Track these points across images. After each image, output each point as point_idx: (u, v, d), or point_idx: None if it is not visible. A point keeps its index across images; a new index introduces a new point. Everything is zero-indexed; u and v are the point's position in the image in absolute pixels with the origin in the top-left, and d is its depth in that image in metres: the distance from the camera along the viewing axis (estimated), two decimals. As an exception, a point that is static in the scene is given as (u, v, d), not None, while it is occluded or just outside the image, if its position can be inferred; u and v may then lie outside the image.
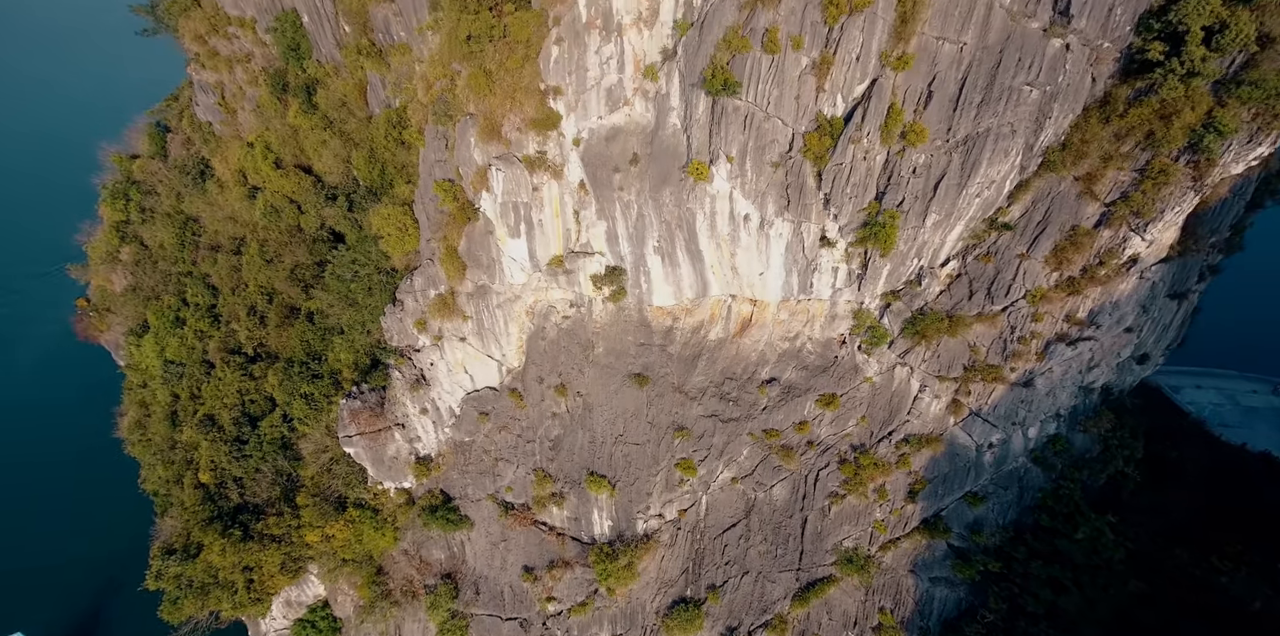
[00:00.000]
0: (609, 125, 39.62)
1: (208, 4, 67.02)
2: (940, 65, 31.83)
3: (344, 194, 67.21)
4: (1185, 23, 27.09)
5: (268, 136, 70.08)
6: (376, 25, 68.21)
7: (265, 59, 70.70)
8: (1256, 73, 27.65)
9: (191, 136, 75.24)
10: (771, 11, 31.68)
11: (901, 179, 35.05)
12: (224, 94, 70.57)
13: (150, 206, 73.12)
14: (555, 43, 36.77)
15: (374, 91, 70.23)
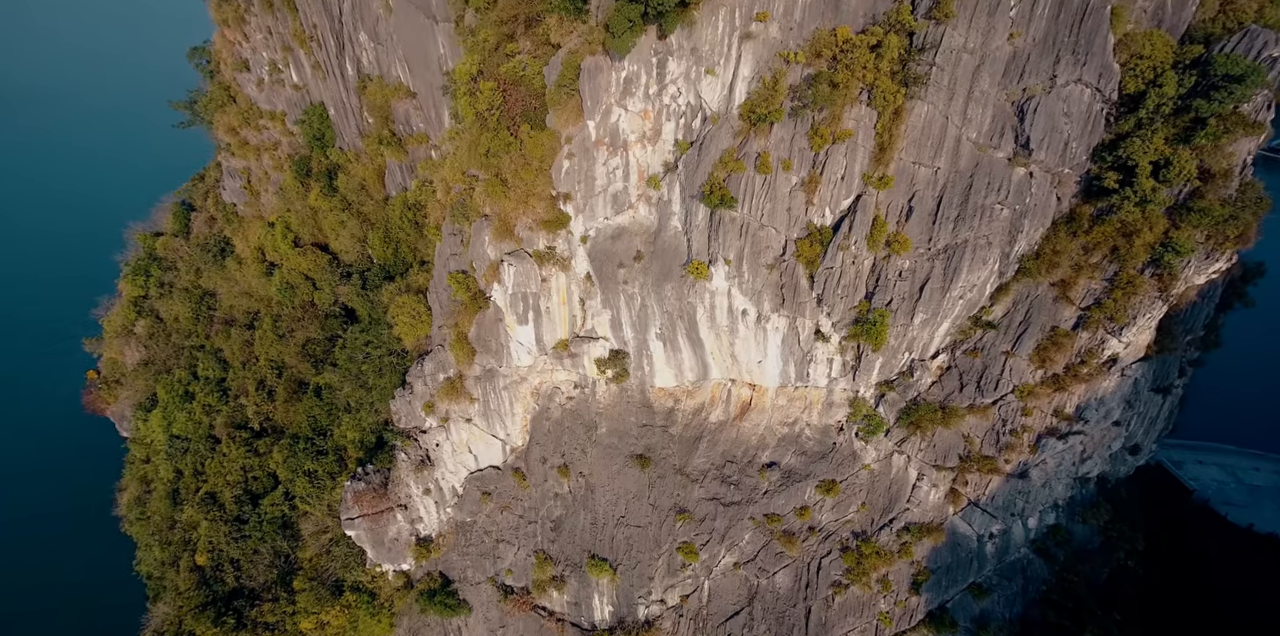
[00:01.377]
0: (614, 225, 42.47)
1: (242, 100, 72.47)
2: (918, 185, 34.85)
3: (358, 272, 70.08)
4: (1134, 158, 30.16)
5: (288, 217, 73.87)
6: (397, 117, 73.54)
7: (291, 147, 75.61)
8: (1203, 202, 30.47)
9: (215, 215, 79.21)
10: (763, 139, 35.04)
11: (889, 281, 37.38)
12: (250, 178, 74.97)
13: (169, 281, 75.88)
14: (566, 157, 40.14)
15: (391, 176, 74.74)
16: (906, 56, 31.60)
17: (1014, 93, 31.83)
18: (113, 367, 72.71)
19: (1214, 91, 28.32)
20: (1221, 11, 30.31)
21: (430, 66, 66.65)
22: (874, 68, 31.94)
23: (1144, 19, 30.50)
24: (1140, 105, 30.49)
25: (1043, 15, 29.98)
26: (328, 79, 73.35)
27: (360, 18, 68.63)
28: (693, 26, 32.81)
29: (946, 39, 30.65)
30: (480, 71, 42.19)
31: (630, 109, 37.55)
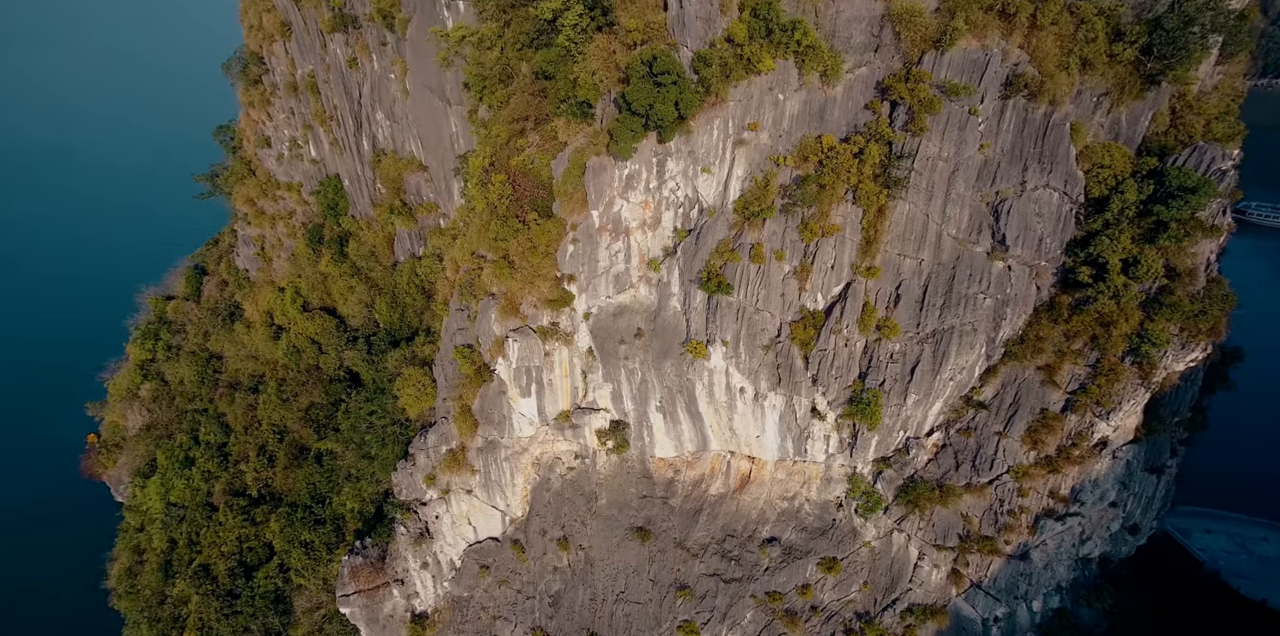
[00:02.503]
0: (616, 304, 44.22)
1: (261, 173, 76.24)
2: (904, 275, 36.82)
3: (364, 336, 71.57)
4: (1104, 256, 32.22)
5: (298, 282, 76.09)
6: (409, 188, 77.07)
7: (305, 215, 78.84)
8: (1173, 298, 32.31)
9: (227, 279, 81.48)
10: (756, 232, 37.31)
11: (881, 363, 38.73)
12: (263, 245, 77.73)
13: (177, 344, 77.19)
14: (571, 242, 42.34)
15: (400, 242, 77.55)
16: (887, 162, 34.24)
17: (988, 195, 34.29)
18: (113, 431, 72.86)
19: (1172, 199, 30.66)
20: (1173, 125, 33.16)
21: (443, 143, 70.72)
22: (857, 171, 34.54)
23: (1102, 132, 33.33)
24: (1106, 208, 32.83)
25: (1009, 129, 32.81)
26: (344, 153, 77.47)
27: (379, 99, 73.32)
28: (690, 133, 35.66)
29: (922, 148, 33.36)
30: (492, 163, 45.12)
31: (632, 200, 40.04)
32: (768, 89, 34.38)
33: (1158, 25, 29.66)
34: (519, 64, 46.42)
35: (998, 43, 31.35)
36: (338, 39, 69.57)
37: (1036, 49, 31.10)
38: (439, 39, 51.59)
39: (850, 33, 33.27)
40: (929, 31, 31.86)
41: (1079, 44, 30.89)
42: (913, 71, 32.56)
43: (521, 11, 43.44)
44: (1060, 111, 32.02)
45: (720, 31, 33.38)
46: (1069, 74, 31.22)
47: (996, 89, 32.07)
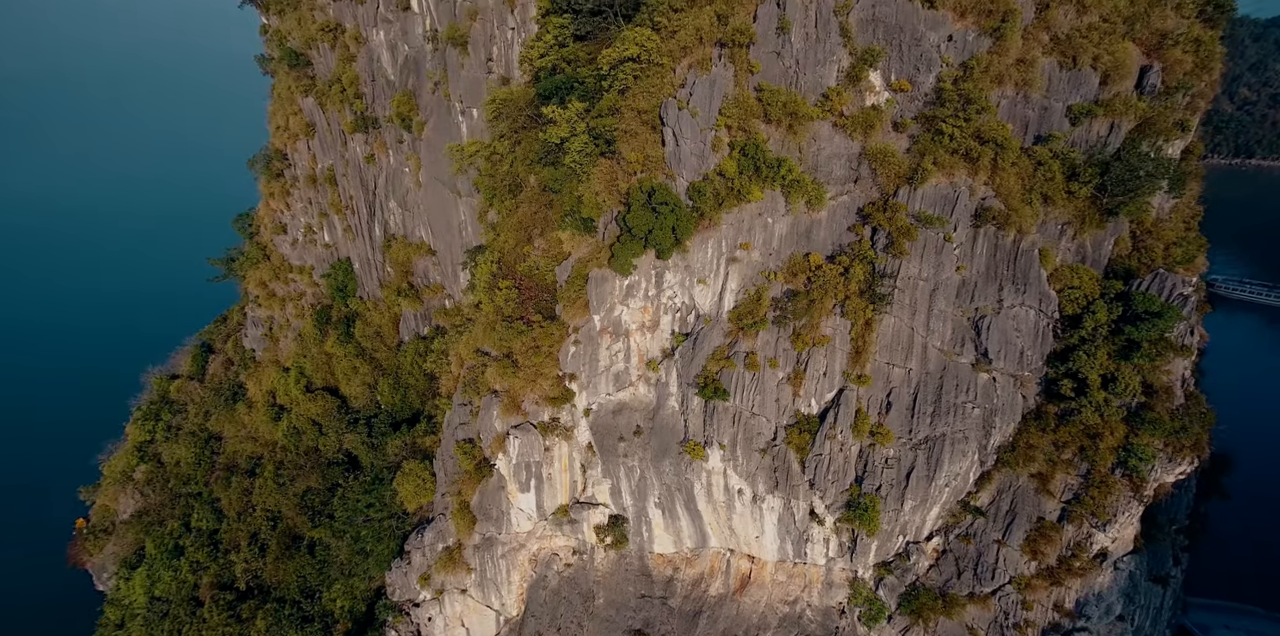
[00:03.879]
0: (616, 401, 45.27)
1: (275, 257, 79.44)
2: (894, 383, 38.20)
3: (365, 418, 71.95)
4: (1083, 371, 33.76)
5: (303, 362, 77.35)
6: (416, 271, 79.95)
7: (315, 297, 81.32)
8: (1153, 414, 33.56)
9: (232, 358, 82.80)
10: (750, 341, 39.07)
11: (876, 468, 39.30)
12: (271, 326, 79.68)
13: (177, 424, 77.33)
14: (573, 343, 44.00)
15: (406, 323, 79.57)
16: (871, 279, 36.48)
17: (968, 311, 36.29)
18: (103, 515, 71.56)
19: (1140, 322, 32.55)
20: (1135, 249, 35.70)
21: (451, 230, 74.34)
22: (844, 287, 36.71)
23: (1069, 255, 35.81)
24: (1080, 325, 34.70)
25: (982, 254, 35.28)
26: (356, 239, 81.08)
27: (392, 189, 77.72)
28: (686, 251, 38.16)
29: (903, 269, 35.69)
30: (499, 267, 47.63)
31: (631, 306, 42.06)
32: (757, 214, 37.21)
33: (1107, 169, 32.71)
34: (527, 176, 50.03)
35: (965, 180, 34.38)
36: (357, 138, 74.75)
37: (1000, 186, 34.07)
38: (454, 153, 55.73)
39: (831, 167, 36.49)
40: (902, 169, 35.00)
41: (1039, 182, 33.89)
42: (890, 202, 35.45)
43: (531, 133, 47.40)
44: (1028, 239, 34.59)
45: (713, 166, 36.58)
46: (1032, 207, 34.03)
47: (968, 219, 34.82)
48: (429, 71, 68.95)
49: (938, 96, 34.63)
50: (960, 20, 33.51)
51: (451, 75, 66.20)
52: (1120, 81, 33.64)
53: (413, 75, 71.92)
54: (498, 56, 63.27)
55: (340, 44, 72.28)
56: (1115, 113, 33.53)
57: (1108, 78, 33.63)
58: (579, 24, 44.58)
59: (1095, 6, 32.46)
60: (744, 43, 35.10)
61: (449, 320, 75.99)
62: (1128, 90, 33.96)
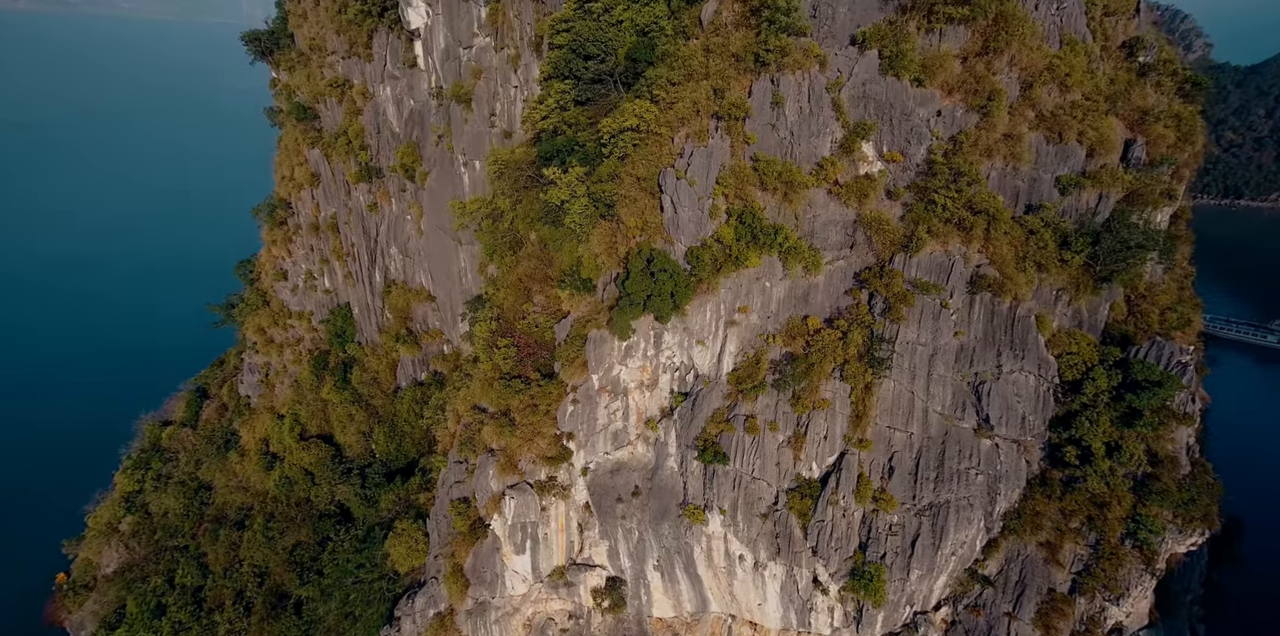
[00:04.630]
0: (614, 460, 44.60)
1: (275, 303, 79.72)
2: (896, 446, 37.78)
3: (359, 468, 70.74)
4: (1086, 439, 33.49)
5: (299, 409, 76.55)
6: (415, 317, 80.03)
7: (313, 342, 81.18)
8: (1160, 484, 33.15)
9: (227, 403, 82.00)
10: (750, 403, 38.83)
11: (880, 534, 38.41)
12: (268, 372, 79.23)
13: (167, 473, 75.90)
14: (571, 402, 43.64)
15: (404, 369, 79.17)
16: (869, 344, 36.57)
17: (968, 375, 36.23)
18: (85, 570, 69.32)
19: (1141, 390, 32.49)
20: (1130, 314, 35.98)
21: (451, 277, 74.90)
22: (842, 351, 36.75)
23: (1065, 320, 36.04)
24: (1081, 390, 34.61)
25: (979, 320, 35.50)
26: (357, 285, 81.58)
27: (394, 236, 78.68)
28: (685, 315, 38.36)
29: (901, 334, 35.81)
30: (498, 325, 47.75)
31: (630, 366, 41.93)
32: (755, 278, 37.58)
33: (1098, 239, 33.30)
34: (528, 233, 50.75)
35: (959, 248, 34.91)
36: (361, 187, 76.17)
37: (994, 254, 34.57)
38: (456, 209, 56.70)
39: (827, 234, 37.09)
40: (896, 236, 35.58)
41: (1032, 250, 34.41)
42: (886, 269, 35.87)
43: (532, 192, 48.34)
44: (1024, 306, 34.86)
45: (710, 232, 37.17)
46: (1027, 275, 34.44)
47: (963, 286, 35.16)
48: (433, 125, 70.84)
49: (929, 167, 35.52)
50: (948, 97, 34.68)
51: (455, 129, 67.99)
52: (1106, 155, 34.59)
53: (417, 128, 73.87)
54: (500, 112, 65.17)
55: (348, 98, 74.49)
56: (1103, 184, 34.35)
57: (1093, 151, 34.60)
58: (580, 90, 46.00)
59: (1077, 85, 33.68)
60: (739, 116, 36.19)
61: (447, 366, 75.75)
62: (1114, 163, 34.88)
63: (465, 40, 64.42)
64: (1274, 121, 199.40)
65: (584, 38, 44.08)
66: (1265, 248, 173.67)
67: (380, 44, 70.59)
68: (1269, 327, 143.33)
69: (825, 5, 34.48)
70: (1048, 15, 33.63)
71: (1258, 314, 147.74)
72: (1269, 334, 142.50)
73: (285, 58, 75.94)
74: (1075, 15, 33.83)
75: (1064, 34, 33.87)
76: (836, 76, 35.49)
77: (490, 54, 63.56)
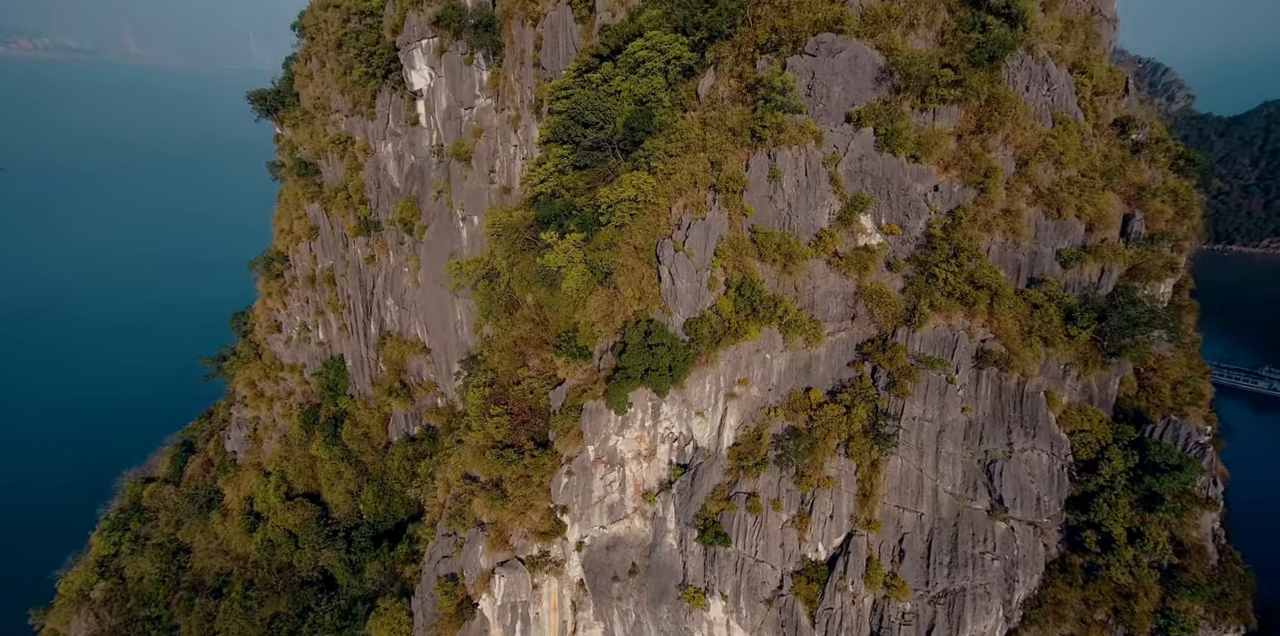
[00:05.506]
0: (610, 535, 42.47)
1: (267, 356, 78.60)
2: (906, 528, 36.00)
3: (345, 531, 67.93)
4: (1106, 524, 31.92)
5: (285, 466, 74.21)
6: (410, 370, 78.69)
7: (304, 395, 79.56)
8: (1188, 575, 31.40)
9: (213, 459, 79.62)
10: (752, 481, 37.28)
11: (893, 624, 36.11)
12: (256, 427, 77.30)
13: (145, 534, 72.83)
14: (565, 473, 41.95)
15: (396, 423, 77.31)
16: (874, 418, 35.37)
17: (978, 453, 34.90)
18: (49, 641, 65.52)
19: (1160, 474, 31.19)
20: (1142, 388, 35.03)
21: (447, 330, 74.10)
22: (847, 426, 35.51)
23: (1075, 394, 35.02)
24: (1097, 470, 33.23)
25: (986, 395, 34.47)
26: (351, 337, 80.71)
27: (390, 288, 78.33)
28: (684, 388, 37.30)
29: (907, 409, 34.69)
30: (491, 391, 46.57)
31: (627, 436, 40.48)
32: (755, 350, 36.72)
33: (1104, 316, 32.70)
34: (524, 294, 50.28)
35: (962, 322, 34.25)
36: (359, 241, 76.35)
37: (999, 328, 33.88)
38: (452, 269, 56.49)
39: (828, 305, 36.51)
40: (898, 309, 34.98)
41: (1037, 324, 33.74)
42: (889, 343, 35.09)
43: (528, 255, 48.13)
44: (1033, 382, 33.90)
45: (709, 303, 36.56)
46: (1033, 350, 33.62)
47: (969, 361, 34.31)
48: (433, 181, 71.63)
49: (928, 241, 35.26)
50: (944, 173, 34.77)
51: (454, 185, 68.67)
52: (1105, 229, 34.42)
53: (417, 182, 74.70)
54: (500, 169, 65.96)
55: (349, 154, 75.62)
56: (1105, 259, 34.01)
57: (1093, 226, 34.44)
58: (579, 156, 46.42)
59: (1072, 163, 33.83)
60: (737, 190, 36.20)
61: (440, 419, 73.97)
62: (1113, 237, 34.68)
63: (467, 101, 65.88)
64: (1259, 170, 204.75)
65: (583, 106, 44.79)
66: (1257, 293, 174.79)
67: (383, 103, 72.19)
68: (1259, 374, 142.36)
69: (820, 85, 34.99)
70: (1039, 96, 34.13)
71: (1249, 359, 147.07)
72: (1259, 380, 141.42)
73: (290, 115, 77.52)
74: (1066, 95, 34.35)
75: (1056, 113, 34.30)
76: (833, 152, 35.69)
77: (491, 114, 64.85)
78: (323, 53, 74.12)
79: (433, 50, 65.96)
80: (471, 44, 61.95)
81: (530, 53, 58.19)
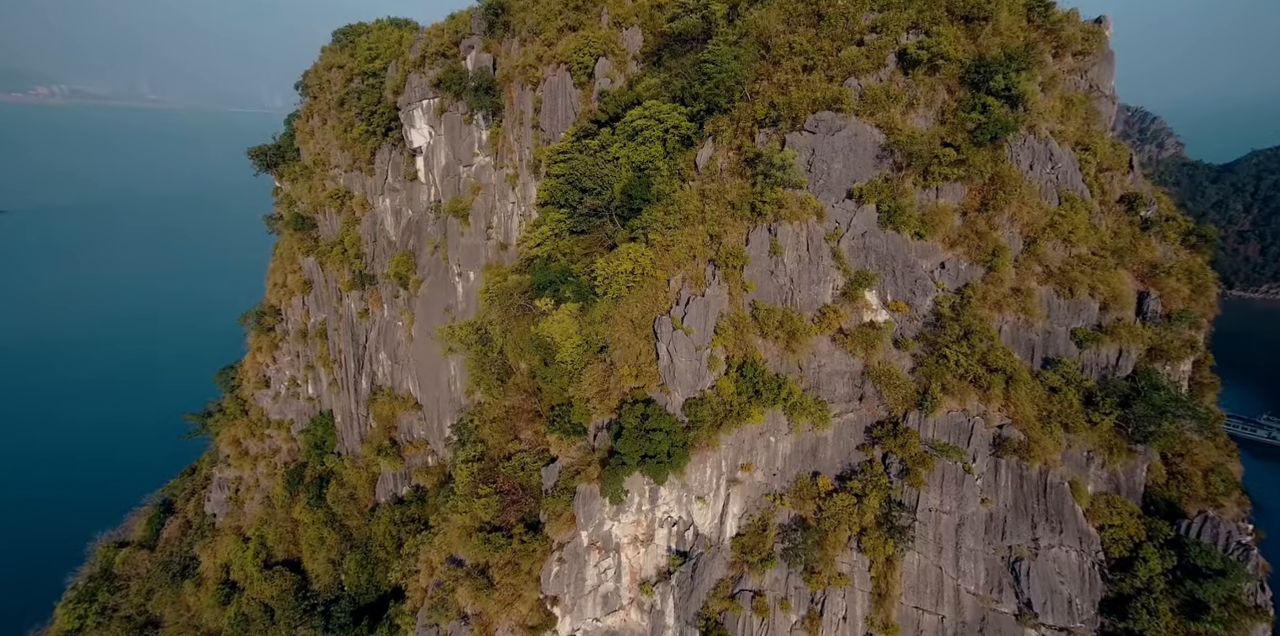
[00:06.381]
0: (604, 628, 39.21)
1: (254, 412, 76.23)
2: (925, 631, 33.08)
3: (325, 604, 63.94)
4: (1148, 634, 29.20)
5: (266, 530, 70.68)
6: (401, 426, 76.07)
7: (290, 453, 76.71)
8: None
9: (191, 521, 76.04)
10: (757, 577, 34.56)
11: (917, 739, 32.71)
12: (239, 487, 74.14)
13: (113, 605, 68.63)
14: (557, 561, 39.11)
15: (384, 483, 74.12)
16: (888, 509, 33.05)
17: (1001, 549, 32.40)
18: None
19: (1202, 579, 28.73)
20: (1171, 477, 32.89)
21: (440, 385, 71.91)
22: (859, 517, 33.13)
23: (1101, 482, 32.82)
24: (1132, 571, 30.70)
25: (1007, 486, 32.28)
26: (341, 392, 78.51)
27: (383, 342, 76.67)
28: (683, 474, 35.10)
29: (922, 500, 32.42)
30: (481, 467, 44.27)
31: (623, 521, 37.88)
32: (759, 433, 34.72)
33: (1126, 402, 30.92)
34: (517, 361, 48.60)
35: (977, 406, 32.41)
36: (353, 295, 75.24)
37: (1016, 414, 32.02)
38: (444, 334, 55.08)
39: (834, 385, 34.75)
40: (908, 391, 33.20)
41: (1056, 408, 31.89)
42: (900, 427, 33.15)
43: (523, 321, 46.77)
44: (1056, 472, 31.78)
45: (710, 383, 34.82)
46: (1053, 436, 31.66)
47: (986, 449, 32.28)
48: (429, 237, 71.09)
49: (936, 318, 33.84)
50: (950, 250, 33.70)
51: (451, 241, 68.03)
52: (1120, 308, 33.06)
53: (414, 237, 74.17)
54: (497, 225, 65.42)
55: (347, 208, 75.44)
56: (1122, 340, 32.51)
57: (1107, 305, 33.10)
58: (576, 221, 45.63)
59: (1081, 241, 32.80)
60: (737, 265, 35.05)
61: (431, 479, 70.97)
62: (1129, 317, 33.28)
63: (465, 159, 66.03)
64: (1252, 216, 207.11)
65: (580, 172, 44.30)
66: (1257, 339, 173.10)
67: (382, 159, 72.52)
68: (1259, 422, 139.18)
69: (820, 161, 34.36)
70: (1043, 173, 33.44)
71: (1249, 406, 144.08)
72: (1259, 428, 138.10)
73: (289, 170, 77.85)
74: (1070, 173, 33.67)
75: (1062, 190, 33.53)
76: (835, 227, 34.74)
77: (490, 171, 64.83)
78: (324, 110, 75.03)
79: (433, 110, 66.58)
80: (471, 105, 62.49)
81: (530, 115, 58.51)
